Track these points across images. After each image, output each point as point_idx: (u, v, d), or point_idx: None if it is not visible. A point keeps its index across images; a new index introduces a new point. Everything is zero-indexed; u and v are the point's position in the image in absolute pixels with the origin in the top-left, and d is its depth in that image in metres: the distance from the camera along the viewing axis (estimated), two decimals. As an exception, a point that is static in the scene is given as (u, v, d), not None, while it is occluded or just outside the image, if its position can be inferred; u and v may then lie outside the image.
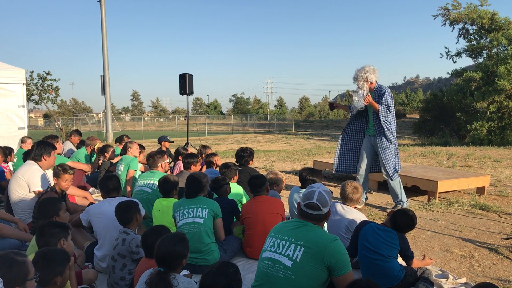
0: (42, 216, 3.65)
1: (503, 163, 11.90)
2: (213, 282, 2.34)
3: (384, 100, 6.19)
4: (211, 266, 2.46)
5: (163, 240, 2.72)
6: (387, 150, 6.28)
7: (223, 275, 2.36)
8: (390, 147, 6.30)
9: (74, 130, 9.59)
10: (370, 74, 6.23)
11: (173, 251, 2.67)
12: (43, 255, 2.52)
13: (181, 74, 11.84)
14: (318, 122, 56.64)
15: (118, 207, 3.71)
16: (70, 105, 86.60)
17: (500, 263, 4.28)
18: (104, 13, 25.88)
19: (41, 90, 24.43)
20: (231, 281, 2.37)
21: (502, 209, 6.38)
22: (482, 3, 23.47)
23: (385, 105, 6.20)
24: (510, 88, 20.28)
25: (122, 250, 3.51)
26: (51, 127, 44.79)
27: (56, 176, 4.73)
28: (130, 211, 3.68)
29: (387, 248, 3.36)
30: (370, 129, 6.53)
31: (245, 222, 4.37)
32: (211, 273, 2.37)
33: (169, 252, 2.67)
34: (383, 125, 6.21)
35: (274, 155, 15.60)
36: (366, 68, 6.25)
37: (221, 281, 2.33)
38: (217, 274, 2.36)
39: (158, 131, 46.25)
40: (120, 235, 3.61)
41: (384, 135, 6.25)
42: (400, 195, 6.36)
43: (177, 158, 7.60)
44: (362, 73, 6.24)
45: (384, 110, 6.20)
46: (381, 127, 6.24)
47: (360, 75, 6.25)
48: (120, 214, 3.69)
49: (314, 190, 2.92)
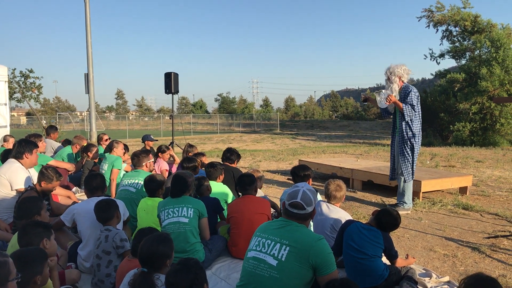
0: (23, 216, 3.58)
1: (485, 163, 12.08)
2: (178, 279, 2.30)
3: (409, 99, 6.12)
4: (173, 265, 2.42)
5: (146, 241, 2.69)
6: (406, 151, 6.23)
7: (186, 269, 2.33)
8: (411, 149, 6.23)
9: (50, 127, 9.31)
10: (405, 74, 6.19)
11: (156, 252, 2.64)
12: (18, 256, 2.46)
13: (167, 72, 11.77)
14: (303, 122, 56.72)
15: (98, 206, 3.70)
16: (53, 103, 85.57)
17: (482, 261, 4.34)
18: (88, 10, 25.56)
19: (24, 88, 24.10)
20: (196, 274, 2.33)
21: (484, 208, 6.47)
22: (465, 6, 23.75)
23: (409, 104, 6.12)
24: (492, 90, 20.58)
25: (106, 247, 3.50)
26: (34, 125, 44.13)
27: (44, 180, 4.58)
28: (110, 209, 3.68)
29: (371, 247, 3.38)
30: (395, 128, 6.47)
31: (231, 222, 4.36)
32: (174, 271, 2.33)
33: (152, 252, 2.64)
34: (407, 125, 6.16)
35: (259, 154, 15.61)
36: (404, 67, 6.20)
37: (186, 277, 2.30)
38: (181, 270, 2.32)
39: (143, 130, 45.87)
40: (102, 233, 3.60)
41: (407, 135, 6.19)
42: (407, 197, 6.34)
43: (157, 155, 7.51)
44: (399, 70, 6.17)
45: (408, 109, 6.12)
46: (406, 127, 6.19)
47: (397, 70, 6.17)
48: (100, 212, 3.68)
49: (299, 189, 2.93)
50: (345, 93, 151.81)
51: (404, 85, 6.25)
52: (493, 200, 7.15)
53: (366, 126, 44.89)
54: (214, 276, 3.87)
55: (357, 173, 8.28)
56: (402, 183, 6.35)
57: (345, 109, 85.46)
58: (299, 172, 4.81)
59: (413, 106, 6.14)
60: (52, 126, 9.36)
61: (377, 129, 41.18)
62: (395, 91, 6.19)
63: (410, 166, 6.26)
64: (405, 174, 6.27)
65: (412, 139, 6.20)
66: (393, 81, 6.18)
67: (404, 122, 6.21)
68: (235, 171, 5.91)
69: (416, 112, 6.18)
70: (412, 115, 6.16)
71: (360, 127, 43.70)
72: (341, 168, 8.73)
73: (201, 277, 2.35)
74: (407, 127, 6.21)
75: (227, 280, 3.77)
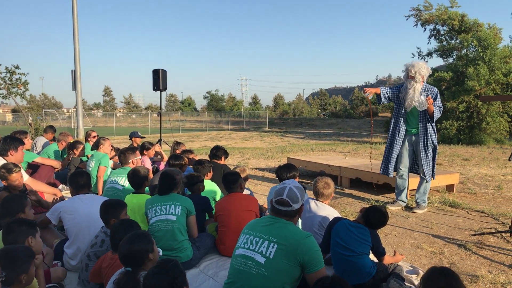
0: (7, 214, 3.52)
1: (472, 161, 12.20)
2: (155, 282, 2.25)
3: (438, 102, 6.08)
4: (152, 267, 2.37)
5: (122, 241, 2.66)
6: (429, 151, 6.20)
7: (164, 272, 2.28)
8: (434, 150, 6.24)
9: (49, 126, 9.26)
10: (427, 74, 6.12)
11: (132, 250, 2.61)
12: (4, 255, 2.42)
13: (155, 69, 11.71)
14: (292, 120, 56.84)
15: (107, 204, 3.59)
16: (40, 100, 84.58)
17: (468, 258, 4.38)
18: (75, 6, 25.35)
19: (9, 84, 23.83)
20: (173, 277, 2.26)
21: (470, 206, 6.52)
22: (453, 5, 23.93)
23: (438, 106, 6.08)
24: (479, 89, 20.78)
25: (99, 252, 3.43)
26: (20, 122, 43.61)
27: (3, 179, 4.45)
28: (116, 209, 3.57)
29: (359, 245, 3.39)
30: (411, 127, 6.34)
31: (218, 219, 4.34)
32: (152, 273, 2.29)
33: (128, 252, 2.61)
34: (432, 126, 6.14)
35: (248, 152, 15.60)
36: (427, 67, 6.11)
37: (164, 280, 2.24)
38: (158, 273, 2.28)
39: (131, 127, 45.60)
40: (100, 234, 3.52)
41: (430, 136, 6.15)
42: (425, 195, 6.38)
43: (142, 153, 7.45)
44: (424, 69, 6.06)
45: (437, 112, 6.07)
46: (428, 127, 6.15)
47: (422, 71, 6.04)
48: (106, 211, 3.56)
49: (285, 187, 2.92)
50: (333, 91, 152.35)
51: (424, 85, 6.16)
52: (479, 198, 7.22)
53: (354, 124, 45.15)
54: (202, 274, 3.85)
55: (345, 170, 8.30)
56: (424, 183, 6.32)
57: (333, 107, 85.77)
58: (284, 174, 4.70)
59: (440, 108, 6.13)
60: (52, 127, 9.26)
61: (365, 127, 41.42)
62: (417, 91, 6.06)
63: (431, 166, 6.26)
64: (427, 175, 6.25)
65: (435, 141, 6.20)
66: (418, 80, 6.07)
67: (429, 124, 6.15)
68: (224, 168, 5.90)
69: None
70: (438, 118, 6.18)
71: (348, 125, 43.95)
72: (329, 165, 8.76)
73: (180, 280, 2.29)
74: (431, 129, 6.17)
75: (215, 278, 3.76)
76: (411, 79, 6.11)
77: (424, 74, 6.07)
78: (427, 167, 6.23)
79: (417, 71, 6.04)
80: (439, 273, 2.32)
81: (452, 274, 2.30)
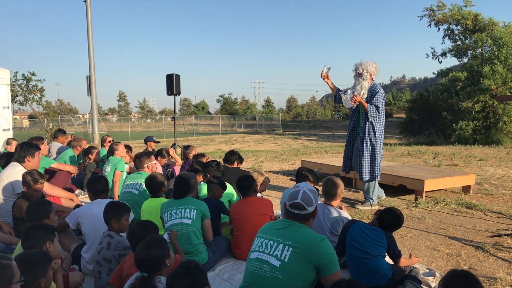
0: (32, 219, 3.55)
1: (488, 161, 12.05)
2: (177, 281, 2.30)
3: (375, 100, 6.19)
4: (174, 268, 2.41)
5: (139, 246, 2.69)
6: (366, 150, 6.32)
7: (186, 272, 2.31)
8: (370, 150, 6.31)
9: (58, 130, 9.34)
10: (376, 72, 6.29)
11: (149, 255, 2.62)
12: (22, 259, 2.45)
13: (168, 74, 11.77)
14: (305, 122, 56.79)
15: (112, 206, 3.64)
16: (55, 106, 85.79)
17: (486, 260, 4.33)
18: (89, 13, 25.66)
19: (26, 91, 24.19)
20: (195, 276, 2.31)
21: (487, 207, 6.45)
22: (467, 4, 23.74)
23: (374, 104, 6.19)
24: (495, 88, 20.54)
25: (107, 254, 3.44)
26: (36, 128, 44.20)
27: (25, 185, 4.50)
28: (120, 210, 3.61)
29: (374, 247, 3.38)
30: (359, 127, 6.53)
31: (233, 224, 4.35)
32: (174, 274, 2.33)
33: (145, 257, 2.62)
34: (371, 125, 6.22)
35: (262, 155, 15.60)
36: (375, 65, 6.29)
37: (186, 279, 2.29)
38: (180, 273, 2.32)
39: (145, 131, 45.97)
40: (104, 238, 3.54)
41: (369, 134, 6.27)
42: (372, 193, 6.49)
43: (156, 158, 7.49)
44: (371, 67, 6.25)
45: (373, 110, 6.19)
46: (368, 126, 6.26)
47: (370, 69, 6.24)
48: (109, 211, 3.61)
49: (299, 190, 2.92)
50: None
51: (372, 83, 6.35)
52: (496, 199, 7.13)
53: (368, 126, 44.78)
54: (217, 277, 3.87)
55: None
56: (364, 182, 6.49)
57: (347, 108, 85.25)
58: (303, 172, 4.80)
59: (377, 107, 6.22)
60: (60, 130, 9.34)
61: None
62: (364, 88, 6.28)
63: (369, 166, 6.35)
64: (364, 174, 6.37)
65: (373, 140, 6.29)
66: (365, 78, 6.27)
67: (367, 122, 6.28)
68: (238, 171, 5.91)
69: (380, 114, 6.28)
70: (376, 116, 6.25)
71: (362, 127, 43.59)
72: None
73: (201, 279, 2.33)
74: (370, 127, 6.29)
75: (230, 281, 3.77)
76: (359, 76, 6.34)
77: (372, 72, 6.26)
78: (365, 166, 6.33)
79: (364, 69, 6.26)
80: (460, 276, 2.31)
81: (472, 277, 2.28)
